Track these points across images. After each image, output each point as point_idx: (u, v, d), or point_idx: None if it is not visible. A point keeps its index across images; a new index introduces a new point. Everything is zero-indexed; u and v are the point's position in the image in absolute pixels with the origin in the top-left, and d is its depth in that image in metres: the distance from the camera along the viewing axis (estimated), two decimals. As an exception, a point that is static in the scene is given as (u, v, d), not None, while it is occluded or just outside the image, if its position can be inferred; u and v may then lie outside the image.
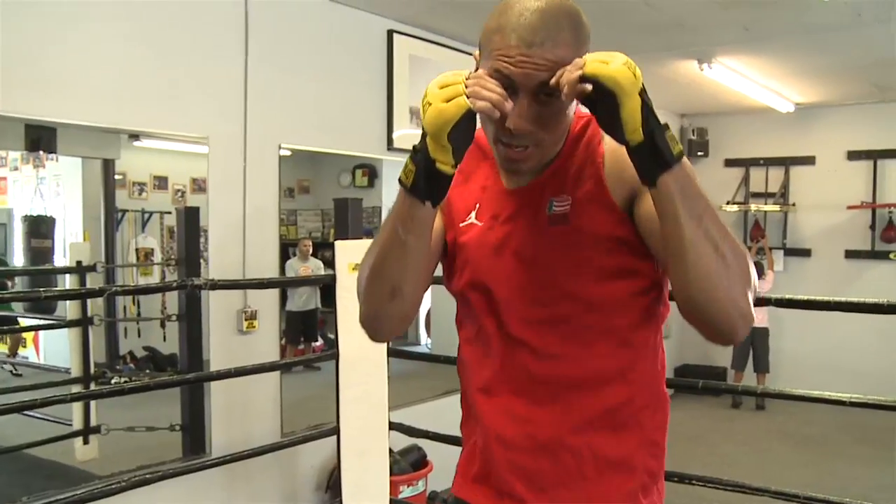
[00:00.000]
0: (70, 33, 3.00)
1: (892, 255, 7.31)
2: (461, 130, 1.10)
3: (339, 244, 3.38)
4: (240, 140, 3.67)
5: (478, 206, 1.37)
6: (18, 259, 5.50)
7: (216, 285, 2.86)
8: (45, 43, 2.91)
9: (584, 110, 1.20)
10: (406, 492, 3.96)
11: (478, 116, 1.17)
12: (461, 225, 1.37)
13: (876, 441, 6.12)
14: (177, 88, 3.39)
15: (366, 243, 1.37)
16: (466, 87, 1.10)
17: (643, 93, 1.06)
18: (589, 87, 1.05)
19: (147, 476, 2.64)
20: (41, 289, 2.54)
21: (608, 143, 1.26)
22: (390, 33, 4.47)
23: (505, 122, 1.17)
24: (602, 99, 1.06)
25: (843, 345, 7.26)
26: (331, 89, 4.13)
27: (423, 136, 1.12)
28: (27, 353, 5.80)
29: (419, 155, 1.13)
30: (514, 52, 1.14)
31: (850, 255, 7.55)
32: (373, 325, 1.35)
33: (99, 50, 3.10)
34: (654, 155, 1.07)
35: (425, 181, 1.14)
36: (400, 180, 1.16)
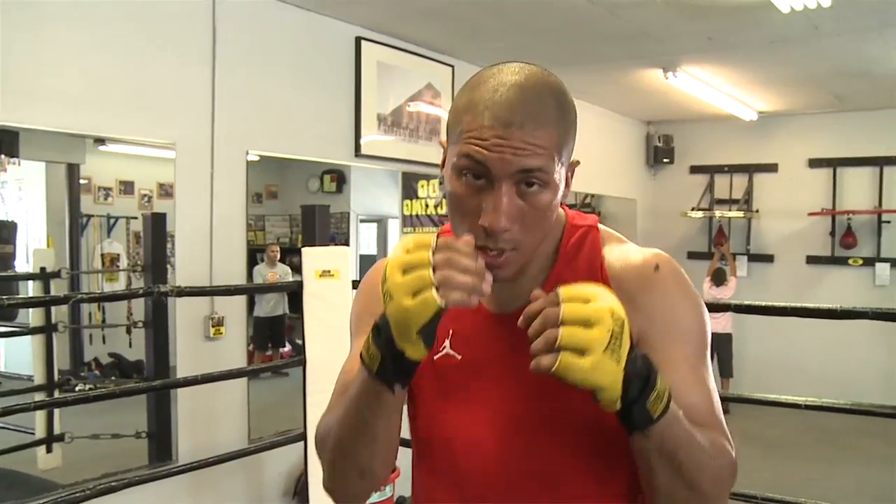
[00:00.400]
0: (37, 40, 3.00)
1: (851, 261, 7.49)
2: (433, 325, 0.92)
3: (305, 251, 3.40)
4: (207, 146, 3.68)
5: (451, 332, 1.15)
6: (-21, 265, 5.43)
7: (183, 292, 2.87)
8: (11, 49, 2.90)
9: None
10: (374, 497, 3.97)
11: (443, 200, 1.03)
12: (435, 357, 1.15)
13: (835, 443, 6.26)
14: (144, 94, 3.39)
15: (333, 250, 1.28)
16: (434, 269, 0.90)
17: (629, 364, 0.89)
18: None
19: (113, 483, 2.63)
20: (4, 297, 2.52)
21: (613, 264, 1.13)
22: (358, 40, 4.49)
23: (479, 220, 0.99)
24: None
25: (804, 349, 7.41)
26: (298, 95, 4.15)
27: (386, 322, 0.94)
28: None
29: (383, 341, 0.95)
30: (489, 134, 0.97)
31: (812, 260, 7.72)
32: (341, 501, 1.18)
33: (66, 56, 3.10)
34: (628, 419, 0.93)
35: (393, 368, 0.96)
36: (362, 359, 0.99)
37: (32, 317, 3.91)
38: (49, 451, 3.71)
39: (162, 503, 3.38)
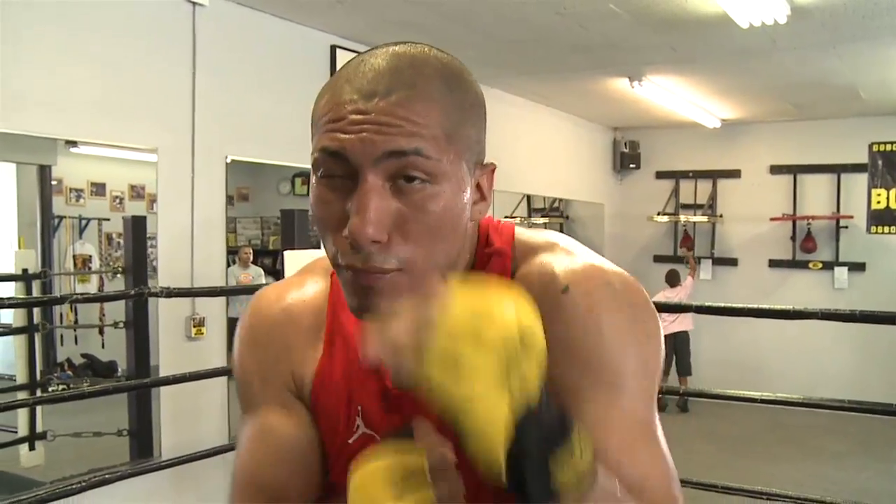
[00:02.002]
0: (17, 45, 3.11)
1: (811, 265, 7.79)
2: None
3: (287, 254, 3.56)
4: (188, 151, 3.82)
5: (360, 406, 0.91)
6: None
7: (171, 293, 3.02)
8: (3, 58, 3.01)
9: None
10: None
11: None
12: (350, 441, 0.91)
13: (794, 441, 6.53)
14: (127, 100, 3.53)
15: (314, 253, 1.09)
16: None
17: (526, 418, 0.63)
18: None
19: (106, 476, 2.78)
20: (5, 297, 2.66)
21: (519, 280, 0.88)
22: (333, 49, 4.66)
23: (343, 230, 0.74)
24: None
25: (763, 350, 7.70)
26: (276, 102, 4.30)
27: None
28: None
29: None
30: (346, 111, 0.74)
31: (774, 264, 8.01)
32: None
33: (48, 61, 3.22)
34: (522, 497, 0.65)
35: None
36: None
37: (15, 318, 4.02)
38: (32, 448, 3.83)
39: (146, 498, 3.52)
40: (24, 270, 4.06)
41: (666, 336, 7.73)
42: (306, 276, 1.01)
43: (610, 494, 0.68)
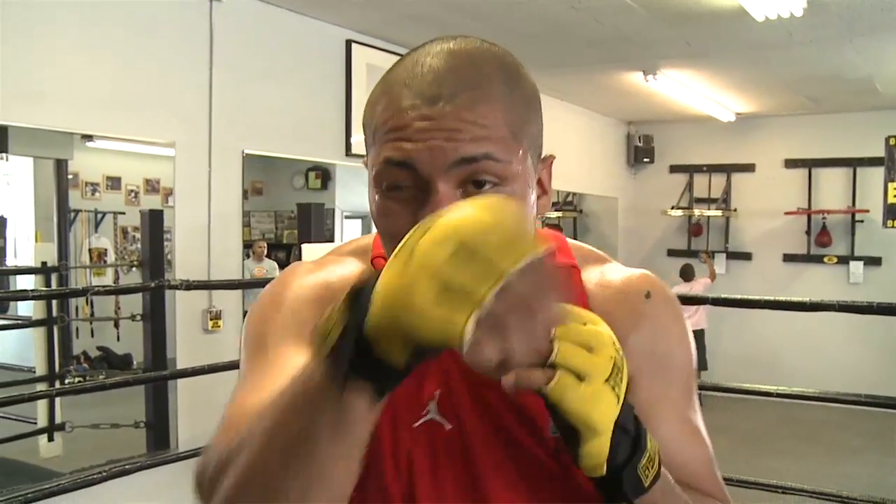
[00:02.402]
0: (36, 40, 3.14)
1: (826, 259, 7.77)
2: (428, 355, 0.61)
3: (305, 247, 3.60)
4: (205, 145, 3.85)
5: (438, 392, 0.85)
6: (-30, 259, 5.55)
7: (191, 286, 3.06)
8: (8, 48, 3.04)
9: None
10: None
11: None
12: (413, 426, 0.85)
13: (807, 436, 6.52)
14: (144, 94, 3.56)
15: (329, 247, 1.04)
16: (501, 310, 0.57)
17: (622, 415, 0.67)
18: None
19: (126, 467, 2.83)
20: (30, 289, 2.70)
21: (594, 293, 0.88)
22: (349, 43, 4.68)
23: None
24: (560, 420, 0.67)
25: (778, 345, 7.68)
26: (292, 97, 4.33)
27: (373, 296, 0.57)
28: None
29: (355, 318, 0.59)
30: (410, 118, 0.71)
31: (788, 258, 7.99)
32: None
33: (67, 58, 3.26)
34: (612, 488, 0.70)
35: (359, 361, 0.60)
36: (317, 337, 0.63)
37: (34, 310, 4.06)
38: (51, 439, 3.87)
39: (163, 489, 3.56)
40: (44, 263, 4.10)
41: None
42: (344, 256, 0.94)
43: (668, 483, 0.74)
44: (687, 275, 7.64)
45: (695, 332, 7.48)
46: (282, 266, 7.30)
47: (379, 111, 0.75)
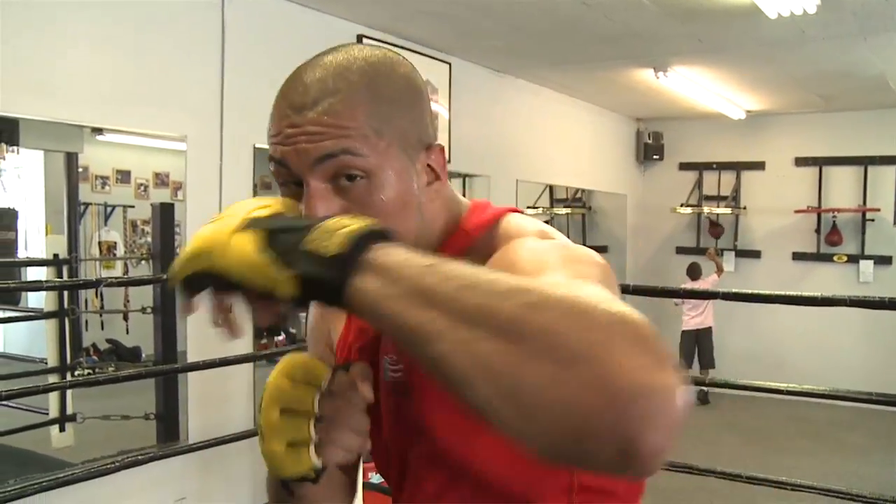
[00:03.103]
0: (49, 35, 3.16)
1: (835, 258, 7.76)
2: (308, 480, 0.81)
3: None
4: (216, 139, 3.87)
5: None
6: (-19, 251, 5.59)
7: (202, 278, 3.07)
8: (21, 41, 3.06)
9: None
10: (374, 477, 4.19)
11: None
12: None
13: (816, 434, 6.52)
14: (156, 88, 3.58)
15: None
16: (319, 419, 0.80)
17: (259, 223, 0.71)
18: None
19: (138, 457, 2.86)
20: (43, 280, 2.72)
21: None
22: (360, 38, 4.69)
23: None
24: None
25: (788, 343, 7.67)
26: (303, 91, 4.34)
27: None
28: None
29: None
30: (282, 125, 0.82)
31: (797, 256, 7.98)
32: None
33: (80, 51, 3.28)
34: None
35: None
36: None
37: (46, 302, 4.10)
38: (62, 430, 3.91)
39: (174, 479, 3.60)
40: (55, 256, 4.13)
41: (689, 331, 7.69)
42: None
43: (403, 259, 0.63)
44: (694, 273, 7.63)
45: (702, 329, 7.54)
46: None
47: (271, 118, 0.86)
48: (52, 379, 3.87)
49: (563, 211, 8.42)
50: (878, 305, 2.86)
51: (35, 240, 5.18)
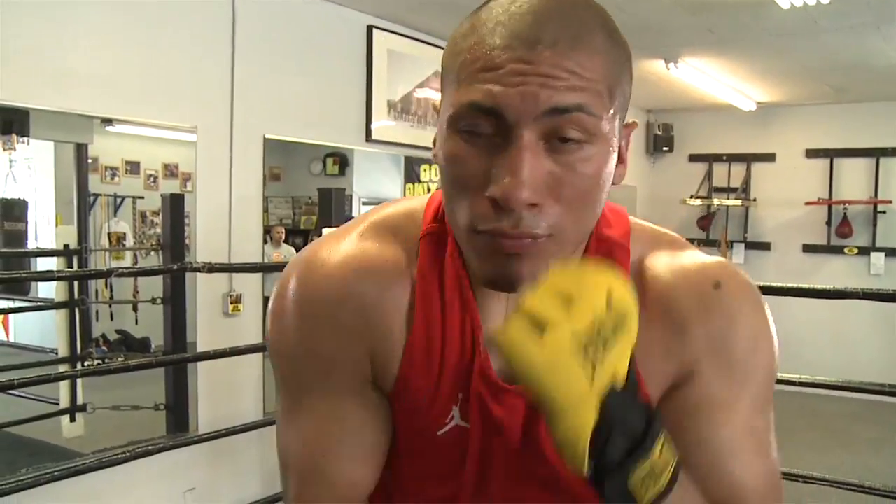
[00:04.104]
0: (61, 25, 3.17)
1: (846, 250, 7.71)
2: None
3: (326, 232, 3.60)
4: (226, 129, 3.87)
5: (460, 395, 0.80)
6: (-9, 241, 5.62)
7: (213, 268, 3.08)
8: (33, 32, 3.06)
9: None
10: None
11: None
12: (439, 433, 0.82)
13: (827, 427, 6.50)
14: (167, 80, 3.59)
15: None
16: None
17: (612, 400, 0.62)
18: None
19: (149, 448, 2.86)
20: (53, 270, 2.73)
21: (659, 278, 0.80)
22: (370, 29, 4.68)
23: (488, 191, 0.67)
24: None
25: (796, 335, 7.64)
26: (313, 82, 4.34)
27: None
28: (-4, 333, 5.91)
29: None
30: (503, 59, 0.66)
31: (808, 249, 7.94)
32: None
33: (91, 42, 3.28)
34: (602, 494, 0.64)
35: None
36: None
37: (57, 292, 4.11)
38: (72, 420, 3.92)
39: (183, 470, 3.61)
40: (66, 246, 4.14)
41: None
42: (369, 239, 0.84)
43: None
44: None
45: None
46: (299, 251, 7.34)
47: (466, 48, 0.69)
48: (63, 369, 3.87)
49: (573, 203, 8.39)
50: (891, 298, 2.84)
51: (45, 230, 5.19)
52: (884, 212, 7.54)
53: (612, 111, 0.70)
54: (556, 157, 0.68)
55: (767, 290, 3.25)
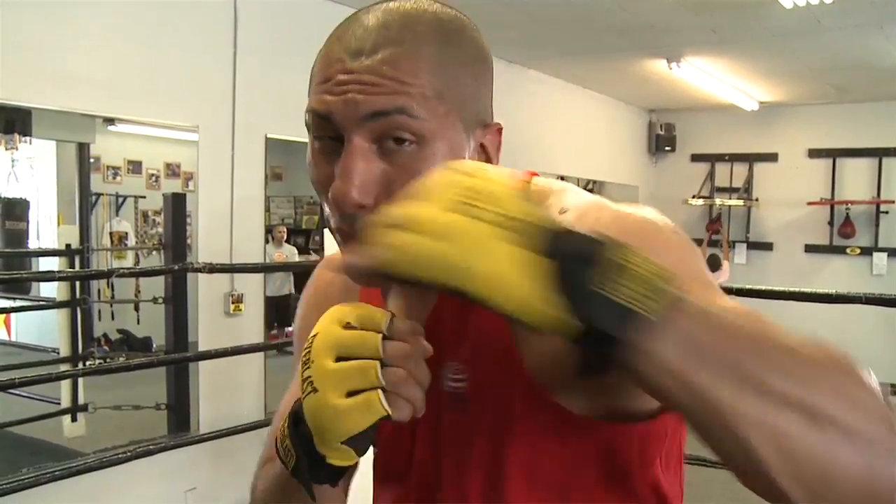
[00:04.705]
0: (63, 25, 3.17)
1: (849, 250, 7.70)
2: (369, 435, 0.63)
3: (328, 232, 3.60)
4: (228, 129, 3.87)
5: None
6: (-8, 240, 5.62)
7: (214, 268, 3.08)
8: (35, 32, 3.07)
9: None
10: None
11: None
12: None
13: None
14: (169, 79, 3.59)
15: None
16: (384, 364, 0.61)
17: (543, 237, 0.56)
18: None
19: (150, 447, 2.86)
20: (58, 271, 2.73)
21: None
22: (372, 27, 4.67)
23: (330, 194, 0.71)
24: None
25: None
26: (314, 81, 4.33)
27: (302, 418, 0.66)
28: (-2, 332, 5.91)
29: (300, 436, 0.68)
30: (333, 71, 0.72)
31: (810, 249, 7.93)
32: None
33: (93, 42, 3.28)
34: (599, 340, 0.55)
35: (311, 472, 0.68)
36: (277, 449, 0.72)
37: (59, 291, 4.11)
38: (74, 420, 3.92)
39: (184, 470, 3.61)
40: (68, 246, 4.14)
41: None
42: None
43: (695, 308, 0.56)
44: (713, 265, 7.58)
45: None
46: (300, 251, 7.35)
47: (317, 61, 0.75)
48: (64, 368, 3.87)
49: (575, 202, 8.38)
50: (893, 303, 2.84)
51: (47, 230, 5.19)
52: (886, 212, 7.53)
53: (443, 113, 0.72)
54: (389, 158, 0.71)
55: (770, 294, 3.25)
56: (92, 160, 5.55)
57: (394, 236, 0.56)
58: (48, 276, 2.82)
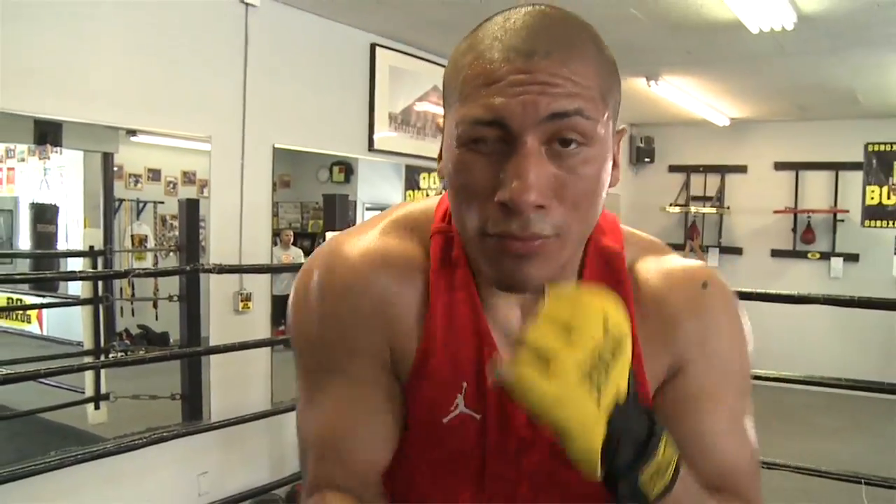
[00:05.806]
0: (91, 45, 3.16)
1: (810, 255, 7.72)
2: None
3: (330, 235, 3.59)
4: (238, 139, 3.86)
5: (465, 384, 0.79)
6: (24, 242, 5.61)
7: (223, 269, 3.07)
8: (59, 50, 3.06)
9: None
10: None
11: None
12: (444, 420, 0.79)
13: (794, 417, 6.50)
14: (184, 93, 3.57)
15: None
16: None
17: (618, 414, 0.61)
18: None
19: (164, 434, 2.85)
20: (78, 271, 2.72)
21: (648, 281, 0.81)
22: (373, 46, 4.67)
23: (495, 198, 0.67)
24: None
25: (764, 333, 7.60)
26: (319, 96, 4.32)
27: None
28: (31, 327, 5.89)
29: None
30: (503, 71, 0.65)
31: (776, 253, 7.94)
32: None
33: (114, 59, 3.27)
34: (614, 494, 0.64)
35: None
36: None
37: (82, 289, 4.10)
38: (97, 408, 3.91)
39: (196, 455, 3.59)
40: (91, 247, 4.13)
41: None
42: (391, 235, 0.83)
43: (684, 494, 0.66)
44: None
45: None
46: (307, 253, 7.31)
47: (466, 65, 0.69)
48: (88, 360, 3.86)
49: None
50: (848, 304, 2.87)
51: (74, 232, 5.18)
52: (842, 220, 7.55)
53: (606, 116, 0.70)
54: (558, 160, 0.67)
55: (740, 295, 3.23)
56: (115, 168, 5.54)
57: (529, 372, 0.58)
58: (69, 276, 2.83)
